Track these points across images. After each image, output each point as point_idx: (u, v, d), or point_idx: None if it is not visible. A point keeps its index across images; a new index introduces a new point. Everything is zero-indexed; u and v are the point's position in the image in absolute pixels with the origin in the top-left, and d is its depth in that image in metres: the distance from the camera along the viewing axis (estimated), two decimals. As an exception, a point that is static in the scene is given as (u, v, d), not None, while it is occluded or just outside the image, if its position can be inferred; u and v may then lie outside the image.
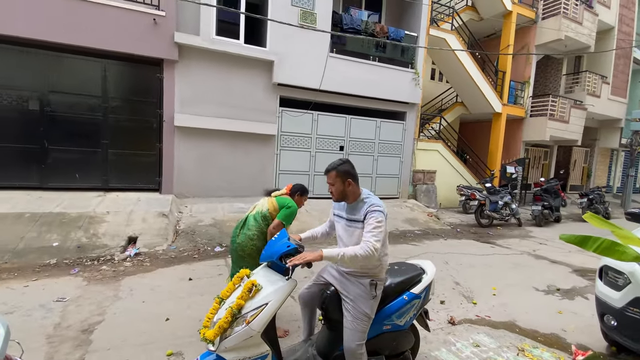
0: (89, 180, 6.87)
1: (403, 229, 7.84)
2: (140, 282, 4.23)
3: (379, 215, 2.03)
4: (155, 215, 6.18)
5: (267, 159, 8.40)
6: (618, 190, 17.42)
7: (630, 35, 15.09)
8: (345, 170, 2.14)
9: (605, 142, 16.38)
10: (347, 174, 2.14)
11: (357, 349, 2.06)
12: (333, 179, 2.15)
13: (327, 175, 2.17)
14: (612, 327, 2.98)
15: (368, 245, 1.95)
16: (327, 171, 2.17)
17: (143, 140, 7.24)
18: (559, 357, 3.10)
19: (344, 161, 2.19)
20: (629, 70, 15.57)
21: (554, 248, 7.16)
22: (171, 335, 3.05)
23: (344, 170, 2.14)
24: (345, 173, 2.14)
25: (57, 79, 6.50)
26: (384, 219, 2.05)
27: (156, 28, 6.82)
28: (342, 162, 2.18)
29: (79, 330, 3.06)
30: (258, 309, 1.85)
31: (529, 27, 12.97)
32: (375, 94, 9.31)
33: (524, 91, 13.09)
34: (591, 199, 11.19)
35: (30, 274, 4.25)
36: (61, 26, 6.20)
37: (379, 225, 2.01)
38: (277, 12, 7.75)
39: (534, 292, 4.70)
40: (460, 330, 3.45)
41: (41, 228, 5.25)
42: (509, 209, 9.36)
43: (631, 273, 2.85)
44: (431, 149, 10.93)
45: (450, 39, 10.73)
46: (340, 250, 1.96)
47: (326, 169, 2.19)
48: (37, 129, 6.45)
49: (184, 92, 7.33)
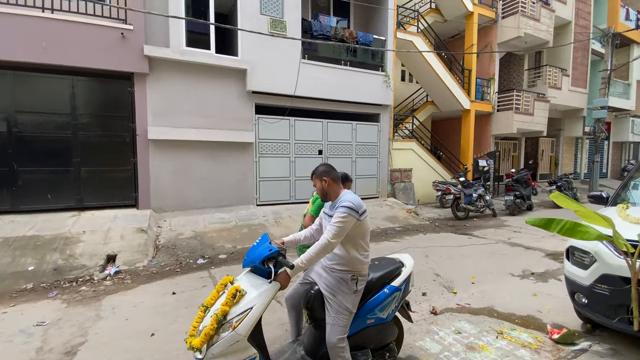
0: (62, 200, 6.67)
1: (384, 227, 8.00)
2: (122, 300, 4.16)
3: (342, 210, 2.15)
4: (133, 232, 6.07)
5: (247, 167, 8.40)
6: (585, 176, 18.31)
7: (587, 28, 15.93)
8: (321, 171, 2.38)
9: (569, 131, 17.21)
10: (323, 173, 2.37)
11: (338, 342, 2.13)
12: (315, 181, 2.42)
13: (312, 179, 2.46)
14: (583, 304, 3.15)
15: (323, 240, 2.14)
16: (311, 175, 2.48)
17: (116, 155, 7.10)
18: (536, 336, 3.27)
19: (322, 164, 2.45)
20: (588, 62, 16.42)
21: (528, 235, 7.48)
22: (157, 350, 3.03)
23: (321, 171, 2.39)
24: (322, 173, 2.37)
25: (24, 99, 6.31)
26: (348, 213, 2.14)
27: (124, 42, 6.74)
28: (320, 165, 2.45)
29: (62, 352, 2.99)
30: (243, 314, 1.88)
31: (490, 26, 13.54)
32: (349, 98, 9.49)
33: (490, 87, 13.64)
34: (559, 185, 11.74)
35: (7, 300, 4.11)
36: (26, 45, 6.04)
37: (339, 221, 2.13)
38: (246, 21, 7.81)
39: (510, 277, 4.91)
40: (442, 320, 3.58)
41: (15, 252, 5.07)
42: (483, 201, 9.70)
43: (596, 252, 3.04)
44: (406, 148, 11.21)
45: (417, 41, 11.09)
46: (299, 260, 2.11)
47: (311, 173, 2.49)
48: (5, 151, 6.23)
49: (157, 105, 7.25)
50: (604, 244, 2.99)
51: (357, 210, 2.17)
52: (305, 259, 2.11)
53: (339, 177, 2.41)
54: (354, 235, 2.22)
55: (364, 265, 2.30)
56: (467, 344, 3.11)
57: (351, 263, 2.25)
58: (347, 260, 2.25)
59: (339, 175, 2.44)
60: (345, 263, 2.25)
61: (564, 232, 2.85)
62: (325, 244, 2.12)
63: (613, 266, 2.90)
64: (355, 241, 2.25)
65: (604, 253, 2.98)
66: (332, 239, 2.12)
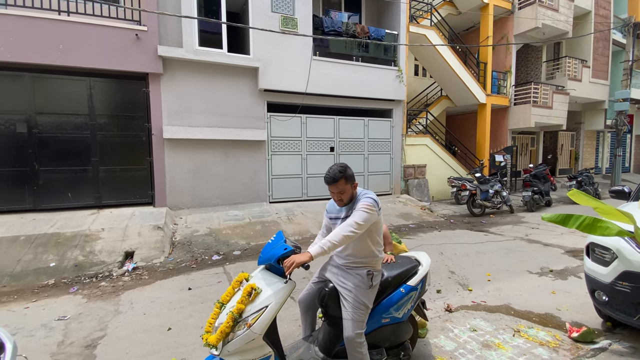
0: (81, 198, 6.86)
1: (397, 224, 7.93)
2: (140, 295, 4.25)
3: (368, 200, 2.12)
4: (150, 229, 6.20)
5: (259, 165, 8.46)
6: (607, 170, 17.72)
7: (608, 17, 15.38)
8: (350, 175, 2.20)
9: (590, 124, 16.67)
10: (352, 177, 2.21)
11: (356, 337, 2.12)
12: (342, 186, 2.16)
13: (334, 184, 2.16)
14: (603, 302, 3.06)
15: (350, 223, 2.03)
16: (335, 180, 2.14)
17: (133, 155, 7.25)
18: (554, 335, 3.19)
19: (344, 166, 2.20)
20: (609, 53, 15.86)
21: (547, 232, 7.30)
22: (174, 344, 3.10)
23: (350, 175, 2.20)
24: (351, 177, 2.21)
25: (43, 100, 6.50)
26: (374, 204, 2.12)
27: (139, 43, 6.86)
28: (344, 167, 2.19)
29: (82, 346, 3.09)
30: (258, 312, 1.88)
31: (507, 17, 13.20)
32: (361, 94, 9.42)
33: (507, 80, 13.31)
34: (580, 181, 11.40)
35: (29, 296, 4.25)
36: (43, 47, 6.22)
37: (365, 208, 2.08)
38: (258, 19, 7.84)
39: (527, 275, 4.81)
40: (457, 317, 3.54)
41: (37, 250, 5.24)
42: (500, 197, 9.51)
43: (617, 249, 2.94)
44: (420, 143, 11.06)
45: (430, 34, 10.91)
46: (323, 242, 2.00)
47: (332, 178, 2.15)
48: (27, 152, 6.44)
49: (171, 105, 7.36)
50: (625, 240, 2.89)
51: (377, 204, 2.16)
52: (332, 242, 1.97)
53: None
54: (372, 230, 2.20)
55: (378, 260, 2.30)
56: (482, 342, 3.06)
57: (367, 258, 2.25)
58: (364, 256, 2.24)
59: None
60: (361, 260, 2.24)
61: (582, 228, 2.75)
62: (353, 228, 2.00)
63: (635, 263, 2.80)
64: (372, 236, 2.23)
65: (626, 250, 2.88)
66: (362, 221, 2.03)
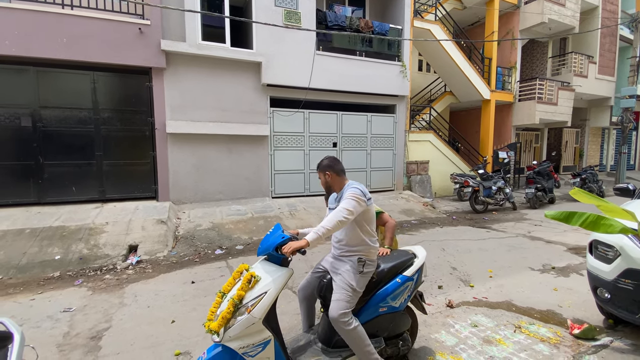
0: (85, 192, 6.91)
1: (400, 220, 7.94)
2: (144, 288, 4.30)
3: (354, 190, 2.28)
4: (154, 223, 6.24)
5: (262, 160, 8.47)
6: (612, 168, 17.63)
7: (615, 13, 15.20)
8: (324, 165, 2.47)
9: (595, 121, 16.55)
10: (326, 167, 2.46)
11: (339, 317, 2.15)
12: (319, 175, 2.52)
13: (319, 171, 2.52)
14: (606, 299, 3.06)
15: (339, 209, 2.19)
16: (318, 167, 2.53)
17: (137, 149, 7.28)
18: (556, 331, 3.20)
19: (325, 158, 2.53)
20: (616, 49, 15.69)
21: (549, 229, 7.28)
22: (178, 336, 3.14)
23: (324, 165, 2.48)
24: (325, 167, 2.46)
25: (47, 94, 6.53)
26: (361, 194, 2.26)
27: (142, 37, 6.85)
28: (324, 158, 2.53)
29: (87, 337, 3.13)
30: (258, 298, 1.96)
31: (512, 12, 13.08)
32: (364, 89, 9.38)
33: (511, 76, 13.21)
34: (584, 178, 11.34)
35: (35, 288, 4.31)
36: (47, 41, 6.23)
37: (352, 196, 2.23)
38: (261, 13, 7.80)
39: (529, 271, 4.81)
40: (459, 313, 3.55)
41: (42, 242, 5.30)
42: (503, 194, 9.48)
43: (620, 246, 2.94)
44: (423, 139, 11.03)
45: (435, 29, 10.81)
46: (317, 228, 2.13)
47: (317, 165, 2.54)
48: (31, 145, 6.48)
49: (174, 99, 7.37)
50: (629, 238, 2.89)
51: (365, 194, 2.29)
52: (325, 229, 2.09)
53: (343, 170, 2.49)
54: (361, 220, 2.33)
55: (371, 249, 2.39)
56: (483, 338, 3.08)
57: (359, 247, 2.35)
58: (356, 244, 2.35)
59: (343, 168, 2.50)
60: (353, 248, 2.36)
61: (586, 225, 2.75)
62: (343, 213, 2.15)
63: (638, 260, 2.80)
64: (362, 225, 2.35)
65: (629, 247, 2.88)
66: (350, 207, 2.18)
